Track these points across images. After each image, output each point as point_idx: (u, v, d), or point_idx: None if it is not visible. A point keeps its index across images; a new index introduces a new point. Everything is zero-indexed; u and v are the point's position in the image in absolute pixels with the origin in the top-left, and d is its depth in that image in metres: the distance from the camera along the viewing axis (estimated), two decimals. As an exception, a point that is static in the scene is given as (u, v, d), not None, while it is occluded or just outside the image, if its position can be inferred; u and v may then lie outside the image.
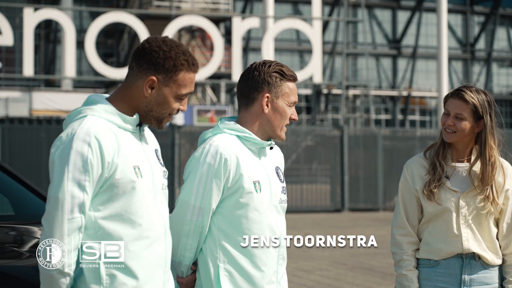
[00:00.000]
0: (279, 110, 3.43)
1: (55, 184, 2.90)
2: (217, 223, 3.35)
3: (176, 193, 22.36)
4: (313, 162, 24.70)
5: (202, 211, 3.31)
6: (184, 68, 3.03)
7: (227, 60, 38.43)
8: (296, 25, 32.07)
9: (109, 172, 2.93)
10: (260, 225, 3.36)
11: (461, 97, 3.93)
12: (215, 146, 3.33)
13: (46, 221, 2.90)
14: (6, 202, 5.10)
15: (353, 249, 14.57)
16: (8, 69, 38.82)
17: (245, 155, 3.38)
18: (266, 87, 3.42)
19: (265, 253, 3.37)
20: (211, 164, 3.31)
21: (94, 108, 3.00)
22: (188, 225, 3.32)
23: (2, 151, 21.40)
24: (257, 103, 3.43)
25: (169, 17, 31.61)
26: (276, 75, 3.42)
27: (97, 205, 2.94)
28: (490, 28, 52.49)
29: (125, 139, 3.00)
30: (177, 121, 31.77)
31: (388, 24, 51.21)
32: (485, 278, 3.97)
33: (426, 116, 51.31)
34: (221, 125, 3.43)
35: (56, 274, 2.88)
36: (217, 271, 3.33)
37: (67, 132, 2.95)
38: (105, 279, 2.93)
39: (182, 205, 3.33)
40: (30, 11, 27.90)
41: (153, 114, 3.05)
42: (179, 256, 3.36)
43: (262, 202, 3.37)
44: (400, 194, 4.04)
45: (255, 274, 3.35)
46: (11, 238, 4.50)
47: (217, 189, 3.32)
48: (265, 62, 3.47)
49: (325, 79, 44.25)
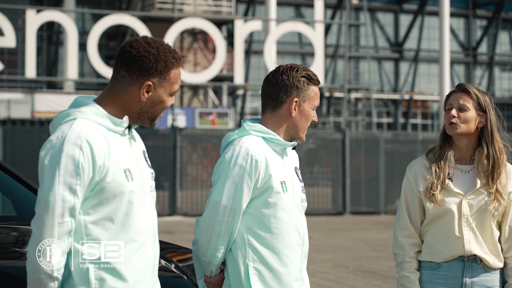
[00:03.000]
0: (305, 114, 3.50)
1: (46, 187, 2.87)
2: (246, 222, 3.41)
3: (178, 195, 22.36)
4: (314, 165, 24.70)
5: (233, 212, 3.37)
6: (174, 66, 3.03)
7: (229, 63, 38.43)
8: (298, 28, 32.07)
9: (100, 176, 2.91)
10: (287, 224, 3.43)
11: (464, 89, 3.96)
12: (245, 148, 3.39)
13: (36, 224, 2.87)
14: (8, 202, 5.10)
15: (354, 252, 14.56)
16: (10, 70, 38.84)
17: (272, 156, 3.45)
18: (295, 91, 3.48)
19: (291, 251, 3.45)
20: (242, 166, 3.36)
21: (83, 110, 2.97)
22: (219, 225, 3.37)
23: (4, 153, 21.41)
24: (285, 106, 3.49)
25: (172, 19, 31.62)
26: (304, 79, 3.49)
27: (87, 208, 2.92)
28: (493, 32, 52.48)
29: (115, 141, 2.98)
30: (179, 124, 31.78)
31: (390, 27, 51.21)
32: (486, 281, 3.97)
33: (428, 119, 51.29)
34: (247, 127, 3.48)
35: (45, 278, 2.87)
36: (247, 270, 3.39)
37: (57, 135, 2.92)
38: (94, 282, 2.92)
39: (214, 206, 3.39)
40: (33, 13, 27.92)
41: (148, 115, 3.04)
42: (209, 256, 3.41)
43: (288, 201, 3.45)
44: (403, 196, 4.05)
45: (283, 272, 3.42)
46: (12, 238, 4.51)
47: (248, 190, 3.38)
48: (292, 66, 3.52)
49: (327, 82, 44.23)
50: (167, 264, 4.20)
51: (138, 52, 2.99)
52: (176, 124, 30.30)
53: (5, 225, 4.56)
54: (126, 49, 3.00)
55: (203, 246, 3.41)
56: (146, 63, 2.98)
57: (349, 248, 15.31)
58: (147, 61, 2.98)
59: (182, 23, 29.67)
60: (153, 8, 38.78)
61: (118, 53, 3.03)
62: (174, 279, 3.94)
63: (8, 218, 4.87)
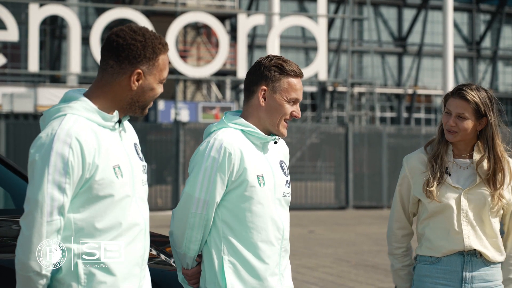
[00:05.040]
0: (275, 105, 3.43)
1: (35, 186, 2.86)
2: (221, 216, 3.38)
3: (181, 189, 22.37)
4: (317, 160, 24.69)
5: (206, 204, 3.34)
6: (162, 51, 3.01)
7: (232, 57, 38.40)
8: (301, 22, 32.03)
9: (89, 173, 2.90)
10: (263, 218, 3.39)
11: (462, 96, 3.89)
12: (219, 140, 3.36)
13: (25, 222, 2.87)
14: (8, 196, 5.10)
15: (356, 246, 14.56)
16: (13, 64, 38.85)
17: (249, 149, 3.40)
18: (264, 81, 3.43)
19: (268, 246, 3.41)
20: (215, 158, 3.33)
21: (73, 106, 2.95)
22: (193, 217, 3.35)
23: (7, 147, 21.43)
24: (256, 96, 3.45)
25: (175, 13, 31.60)
26: (275, 69, 3.43)
27: (76, 206, 2.92)
28: (496, 27, 52.39)
29: (105, 137, 2.96)
30: (182, 118, 31.78)
31: (394, 21, 51.14)
32: (486, 275, 3.96)
33: (431, 114, 51.24)
34: (225, 120, 3.45)
35: (33, 276, 2.87)
36: (221, 263, 3.36)
37: (47, 132, 2.91)
38: (83, 277, 2.92)
39: (187, 198, 3.37)
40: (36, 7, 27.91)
41: (139, 104, 3.02)
42: (184, 248, 3.40)
43: (265, 195, 3.40)
44: (398, 188, 4.05)
45: (259, 266, 3.39)
46: (12, 232, 4.50)
47: (221, 182, 3.35)
48: (268, 56, 3.49)
49: (330, 76, 44.20)
50: (166, 259, 4.20)
51: (125, 40, 2.97)
52: (179, 118, 30.29)
53: (5, 218, 4.55)
54: (113, 39, 2.97)
55: (177, 238, 3.39)
56: (134, 51, 2.96)
57: (352, 242, 15.31)
58: (135, 48, 2.96)
59: (185, 17, 29.64)
60: (156, 2, 38.75)
61: (105, 43, 3.00)
62: (173, 273, 3.93)
63: (7, 211, 4.87)
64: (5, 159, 4.92)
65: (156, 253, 4.19)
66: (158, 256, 4.17)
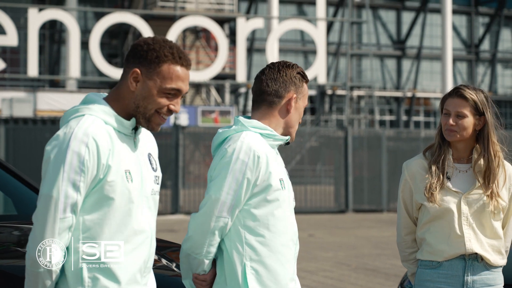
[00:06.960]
0: (299, 111, 3.48)
1: (50, 182, 2.88)
2: (243, 220, 3.34)
3: (180, 193, 22.36)
4: (317, 163, 24.69)
5: (231, 208, 3.30)
6: (169, 60, 2.99)
7: (231, 60, 38.43)
8: (300, 26, 32.07)
9: (103, 174, 2.92)
10: (284, 222, 3.38)
11: (460, 95, 3.93)
12: (247, 143, 3.32)
13: (37, 219, 2.88)
14: (9, 202, 5.10)
15: (356, 249, 14.55)
16: (12, 69, 38.86)
17: (271, 153, 3.39)
18: (293, 88, 3.45)
19: (287, 250, 3.39)
20: (244, 161, 3.29)
21: (92, 107, 2.98)
22: (216, 222, 3.30)
23: (7, 152, 21.42)
24: (284, 102, 3.44)
25: (174, 17, 31.63)
26: (299, 76, 3.46)
27: (86, 206, 2.93)
28: (495, 29, 52.44)
29: (119, 141, 2.98)
30: (181, 122, 31.77)
31: (393, 25, 51.18)
32: (488, 279, 3.96)
33: (430, 117, 51.26)
34: (245, 123, 3.41)
35: (43, 272, 2.88)
36: (244, 269, 3.32)
37: (65, 130, 2.92)
38: (87, 281, 2.92)
39: (212, 201, 3.31)
40: (35, 11, 27.93)
41: (139, 110, 3.01)
42: (205, 254, 3.33)
43: (285, 199, 3.40)
44: (401, 195, 4.06)
45: (280, 271, 3.36)
46: (14, 238, 4.50)
47: (248, 186, 3.31)
48: (286, 63, 3.49)
49: (329, 80, 44.22)
50: (168, 264, 4.19)
51: (138, 42, 3.02)
52: (178, 122, 30.28)
53: (6, 224, 4.56)
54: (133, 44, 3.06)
55: (197, 243, 3.31)
56: (139, 51, 3.00)
57: (352, 246, 15.31)
58: (140, 49, 2.99)
59: (184, 21, 29.66)
60: (155, 6, 38.78)
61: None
62: (175, 278, 3.93)
63: (9, 217, 4.87)
64: (6, 164, 4.93)
65: (158, 258, 4.18)
66: (159, 261, 4.17)
